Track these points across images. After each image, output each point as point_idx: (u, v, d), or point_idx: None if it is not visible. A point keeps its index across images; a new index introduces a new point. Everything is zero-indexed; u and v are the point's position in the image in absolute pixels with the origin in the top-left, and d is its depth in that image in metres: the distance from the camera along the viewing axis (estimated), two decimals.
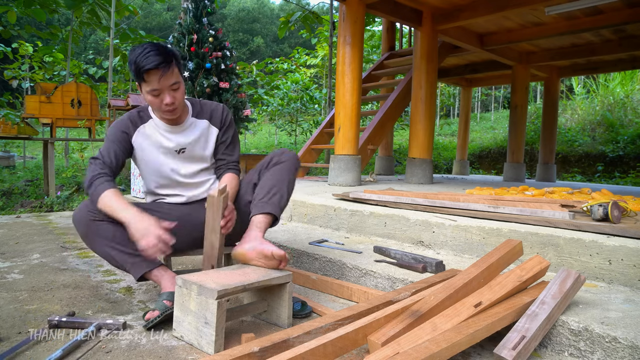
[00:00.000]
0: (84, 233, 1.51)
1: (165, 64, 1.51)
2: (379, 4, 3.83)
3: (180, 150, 1.68)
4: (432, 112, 4.18)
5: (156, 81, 1.51)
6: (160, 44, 1.56)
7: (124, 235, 1.46)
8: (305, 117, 11.82)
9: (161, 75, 1.51)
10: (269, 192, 1.61)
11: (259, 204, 1.60)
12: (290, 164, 1.68)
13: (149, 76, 1.50)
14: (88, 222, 1.48)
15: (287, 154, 1.70)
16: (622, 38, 4.86)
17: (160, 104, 1.57)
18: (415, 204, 2.41)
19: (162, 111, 1.60)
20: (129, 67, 1.55)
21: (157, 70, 1.50)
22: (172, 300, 1.43)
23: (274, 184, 1.63)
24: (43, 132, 9.03)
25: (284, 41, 28.87)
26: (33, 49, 8.94)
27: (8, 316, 1.48)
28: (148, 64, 1.48)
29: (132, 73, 1.54)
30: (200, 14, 4.44)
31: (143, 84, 1.54)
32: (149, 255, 1.37)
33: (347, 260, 1.91)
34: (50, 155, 4.70)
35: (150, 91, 1.54)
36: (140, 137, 1.66)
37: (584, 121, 9.70)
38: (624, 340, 1.14)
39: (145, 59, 1.48)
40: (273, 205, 1.59)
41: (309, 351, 1.04)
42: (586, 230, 1.79)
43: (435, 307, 1.25)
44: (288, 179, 1.66)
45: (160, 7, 27.82)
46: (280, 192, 1.62)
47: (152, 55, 1.49)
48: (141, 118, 1.68)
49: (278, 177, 1.64)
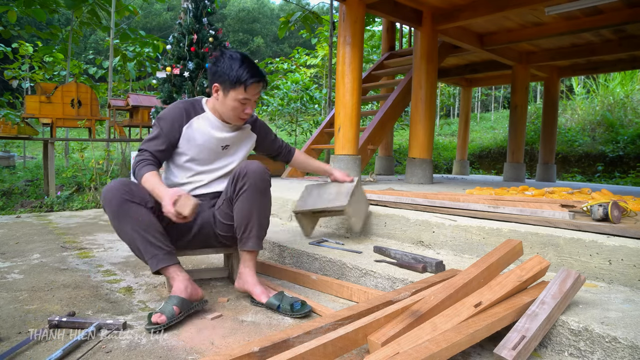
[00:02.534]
0: (114, 212, 1.52)
1: (265, 81, 1.70)
2: (379, 4, 3.83)
3: (224, 146, 1.79)
4: (432, 112, 4.18)
5: (252, 93, 1.67)
6: (254, 62, 1.70)
7: (153, 223, 1.54)
8: (305, 117, 11.82)
9: (260, 90, 1.69)
10: (246, 227, 1.66)
11: (242, 239, 1.68)
12: (255, 187, 1.64)
13: (251, 87, 1.65)
14: (122, 201, 1.51)
15: (248, 177, 1.63)
16: (622, 38, 4.86)
17: (241, 112, 1.70)
18: (415, 204, 2.41)
19: (239, 118, 1.72)
20: (224, 71, 1.63)
21: (259, 84, 1.68)
22: (180, 308, 1.45)
23: (248, 216, 1.65)
24: (43, 132, 9.03)
25: (284, 41, 28.88)
26: (33, 49, 8.95)
27: (8, 316, 1.48)
28: (255, 77, 1.64)
29: (228, 78, 1.63)
30: (200, 14, 4.44)
31: (237, 91, 1.64)
32: (179, 215, 1.45)
33: (347, 260, 1.91)
34: (50, 155, 4.70)
35: (241, 99, 1.66)
36: (193, 127, 1.73)
37: (584, 121, 9.70)
38: (624, 340, 1.14)
39: (251, 71, 1.63)
40: (252, 240, 1.67)
41: (309, 351, 1.04)
42: (586, 230, 1.79)
43: (435, 307, 1.25)
44: (259, 204, 1.66)
45: (160, 7, 27.82)
46: (257, 222, 1.67)
47: (257, 70, 1.66)
48: (195, 110, 1.75)
49: (247, 207, 1.64)
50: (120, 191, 1.52)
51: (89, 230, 3.11)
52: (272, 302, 1.58)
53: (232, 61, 1.64)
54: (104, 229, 3.14)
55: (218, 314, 1.54)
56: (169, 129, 1.69)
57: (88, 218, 3.65)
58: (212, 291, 1.82)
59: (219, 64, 1.67)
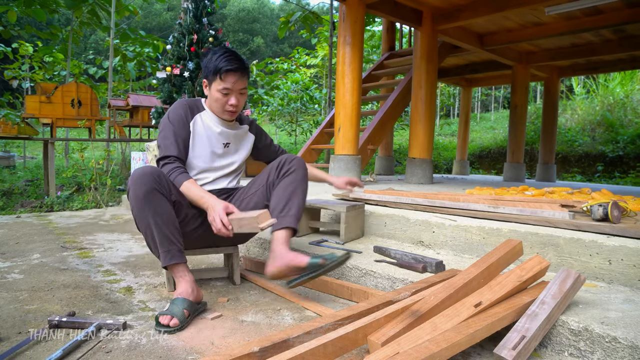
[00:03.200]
0: (139, 197, 1.50)
1: (243, 70, 1.69)
2: (379, 4, 3.83)
3: (226, 144, 1.83)
4: (432, 112, 4.18)
5: (230, 82, 1.68)
6: (238, 53, 1.73)
7: (172, 218, 1.56)
8: (305, 117, 11.83)
9: (237, 79, 1.69)
10: (286, 205, 1.66)
11: (278, 218, 1.64)
12: (300, 172, 1.74)
13: (226, 76, 1.67)
14: (151, 189, 1.50)
15: (295, 163, 1.75)
16: (622, 38, 4.86)
17: (225, 104, 1.72)
18: (415, 204, 2.41)
19: (224, 110, 1.75)
20: (206, 64, 1.71)
21: (235, 73, 1.68)
22: (189, 311, 1.46)
23: (289, 196, 1.68)
24: (43, 132, 9.03)
25: (284, 41, 28.88)
26: (33, 49, 8.95)
27: (8, 316, 1.48)
28: (229, 65, 1.66)
29: (209, 71, 1.70)
30: (200, 14, 4.44)
31: (216, 82, 1.69)
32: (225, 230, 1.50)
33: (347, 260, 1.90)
34: (50, 155, 4.70)
35: (221, 89, 1.69)
36: (197, 124, 1.77)
37: (584, 121, 9.70)
38: (624, 340, 1.14)
39: (227, 60, 1.66)
40: (291, 218, 1.65)
41: (309, 351, 1.04)
42: (586, 230, 1.79)
43: (435, 307, 1.25)
44: (301, 188, 1.72)
45: (160, 7, 27.82)
46: (297, 204, 1.68)
47: (234, 59, 1.67)
48: (197, 107, 1.80)
49: (291, 189, 1.69)
50: (151, 178, 1.51)
51: (89, 230, 3.11)
52: (314, 263, 1.52)
53: (212, 54, 1.70)
54: (104, 229, 3.14)
55: (218, 314, 1.54)
56: (181, 128, 1.73)
57: (88, 218, 3.65)
58: (212, 291, 1.82)
59: (204, 59, 1.74)
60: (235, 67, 1.66)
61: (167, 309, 1.45)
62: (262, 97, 11.05)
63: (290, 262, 1.53)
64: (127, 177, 5.81)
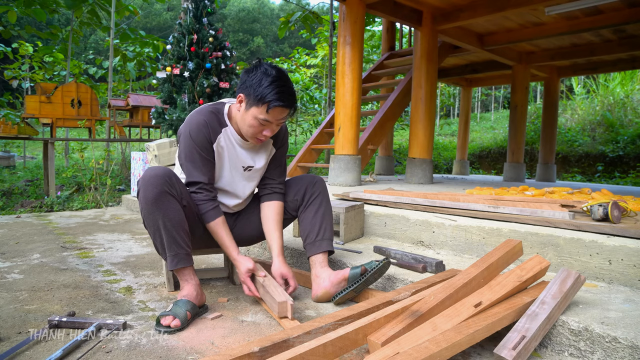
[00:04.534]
0: (150, 198, 1.46)
1: (292, 108, 1.55)
2: (379, 4, 3.83)
3: (247, 168, 1.71)
4: (432, 112, 4.18)
5: (275, 117, 1.53)
6: (291, 82, 1.56)
7: (182, 221, 1.53)
8: (305, 117, 11.83)
9: (285, 116, 1.55)
10: (320, 230, 1.73)
11: (317, 243, 1.72)
12: (324, 194, 1.79)
13: (274, 110, 1.51)
14: (162, 192, 1.47)
15: (318, 184, 1.79)
16: (622, 38, 4.86)
17: (259, 133, 1.57)
18: (415, 204, 2.41)
19: (255, 137, 1.59)
20: (252, 83, 1.51)
21: (284, 110, 1.53)
22: (192, 313, 1.46)
23: (320, 221, 1.75)
24: (43, 132, 9.03)
25: (284, 41, 28.88)
26: (33, 49, 8.95)
27: (8, 316, 1.48)
28: (280, 102, 1.49)
29: (254, 93, 1.50)
30: (200, 14, 4.44)
31: (258, 109, 1.51)
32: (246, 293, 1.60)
33: (347, 260, 1.91)
34: (50, 155, 4.70)
35: (261, 119, 1.52)
36: (220, 145, 1.63)
37: (584, 121, 9.70)
38: (624, 340, 1.14)
39: (279, 94, 1.49)
40: (328, 242, 1.73)
41: (309, 351, 1.04)
42: (586, 230, 1.79)
43: (435, 307, 1.25)
44: (329, 210, 1.79)
45: (160, 7, 27.82)
46: (327, 226, 1.76)
47: (287, 95, 1.51)
48: (220, 123, 1.63)
49: (321, 214, 1.76)
50: (162, 180, 1.48)
51: (89, 230, 3.10)
52: (355, 273, 1.62)
53: (264, 76, 1.50)
54: (104, 229, 3.14)
55: (218, 314, 1.54)
56: (206, 147, 1.60)
57: (88, 218, 3.65)
58: (212, 291, 1.82)
59: (250, 74, 1.53)
60: (286, 105, 1.51)
61: (169, 309, 1.45)
62: None
63: (335, 279, 1.64)
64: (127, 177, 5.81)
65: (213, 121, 1.62)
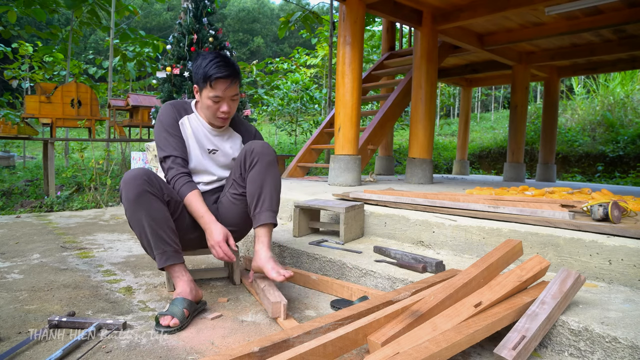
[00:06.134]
0: (131, 199, 1.49)
1: (233, 77, 1.65)
2: (379, 4, 3.83)
3: (212, 150, 1.79)
4: (432, 112, 4.18)
5: (221, 90, 1.65)
6: (229, 57, 1.68)
7: (166, 219, 1.55)
8: (305, 117, 11.83)
9: (227, 86, 1.65)
10: (258, 201, 1.65)
11: (255, 215, 1.66)
12: (265, 160, 1.67)
13: (216, 84, 1.63)
14: (142, 191, 1.50)
15: (257, 150, 1.67)
16: (622, 38, 4.86)
17: (216, 111, 1.69)
18: (415, 204, 2.41)
19: (216, 117, 1.71)
20: (196, 70, 1.66)
21: (226, 80, 1.64)
22: (189, 310, 1.46)
23: (258, 190, 1.66)
24: (43, 132, 9.03)
25: (284, 41, 28.88)
26: (33, 49, 8.95)
27: (8, 316, 1.48)
28: (219, 72, 1.61)
29: (199, 77, 1.66)
30: (200, 14, 4.44)
31: (207, 89, 1.66)
32: (223, 260, 1.57)
33: (347, 260, 1.91)
34: (50, 155, 4.70)
35: (213, 97, 1.65)
36: (185, 126, 1.76)
37: (584, 121, 9.70)
38: (624, 340, 1.14)
39: (217, 67, 1.62)
40: (267, 214, 1.64)
41: (309, 351, 1.04)
42: (586, 230, 1.79)
43: (435, 307, 1.25)
44: (271, 177, 1.67)
45: (160, 7, 27.82)
46: (268, 195, 1.66)
47: (224, 66, 1.63)
48: (185, 110, 1.79)
49: (259, 181, 1.66)
50: (141, 180, 1.50)
51: (89, 230, 3.10)
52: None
53: (203, 59, 1.65)
54: (104, 229, 3.14)
55: (218, 314, 1.54)
56: (174, 126, 1.72)
57: (88, 218, 3.65)
58: (212, 291, 1.82)
59: (193, 64, 1.70)
60: (225, 75, 1.62)
61: (167, 309, 1.45)
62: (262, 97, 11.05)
63: (262, 267, 1.59)
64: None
65: (180, 109, 1.78)
